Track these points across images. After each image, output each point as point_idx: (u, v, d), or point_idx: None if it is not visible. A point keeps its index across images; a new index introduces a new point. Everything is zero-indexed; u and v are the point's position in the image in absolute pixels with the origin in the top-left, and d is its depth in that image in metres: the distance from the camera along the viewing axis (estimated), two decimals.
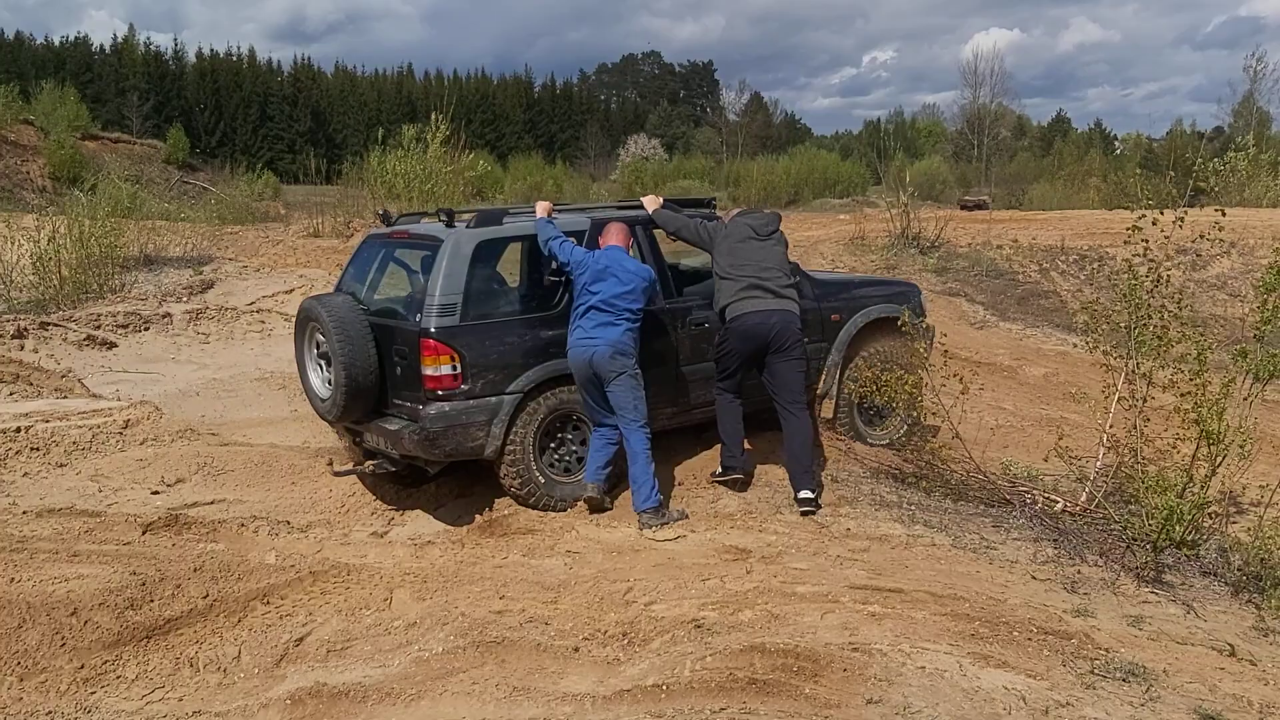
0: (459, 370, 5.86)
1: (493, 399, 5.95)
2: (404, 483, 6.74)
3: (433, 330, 5.82)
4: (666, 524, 5.76)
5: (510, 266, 6.83)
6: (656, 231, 6.79)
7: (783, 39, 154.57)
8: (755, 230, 6.50)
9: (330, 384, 6.32)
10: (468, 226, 6.20)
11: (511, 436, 6.00)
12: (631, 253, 6.38)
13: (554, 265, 6.27)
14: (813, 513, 5.94)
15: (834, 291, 7.41)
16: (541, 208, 6.50)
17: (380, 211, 7.52)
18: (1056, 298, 15.15)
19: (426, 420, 5.82)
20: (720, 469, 6.42)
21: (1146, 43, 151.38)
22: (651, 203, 6.83)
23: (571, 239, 6.22)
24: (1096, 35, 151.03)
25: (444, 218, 6.28)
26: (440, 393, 5.85)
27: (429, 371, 5.82)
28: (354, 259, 7.18)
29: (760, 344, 6.21)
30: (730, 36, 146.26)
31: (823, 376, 7.11)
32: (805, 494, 6.02)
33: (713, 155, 64.51)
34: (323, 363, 6.49)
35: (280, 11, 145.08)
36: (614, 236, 6.29)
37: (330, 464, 6.56)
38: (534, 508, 6.10)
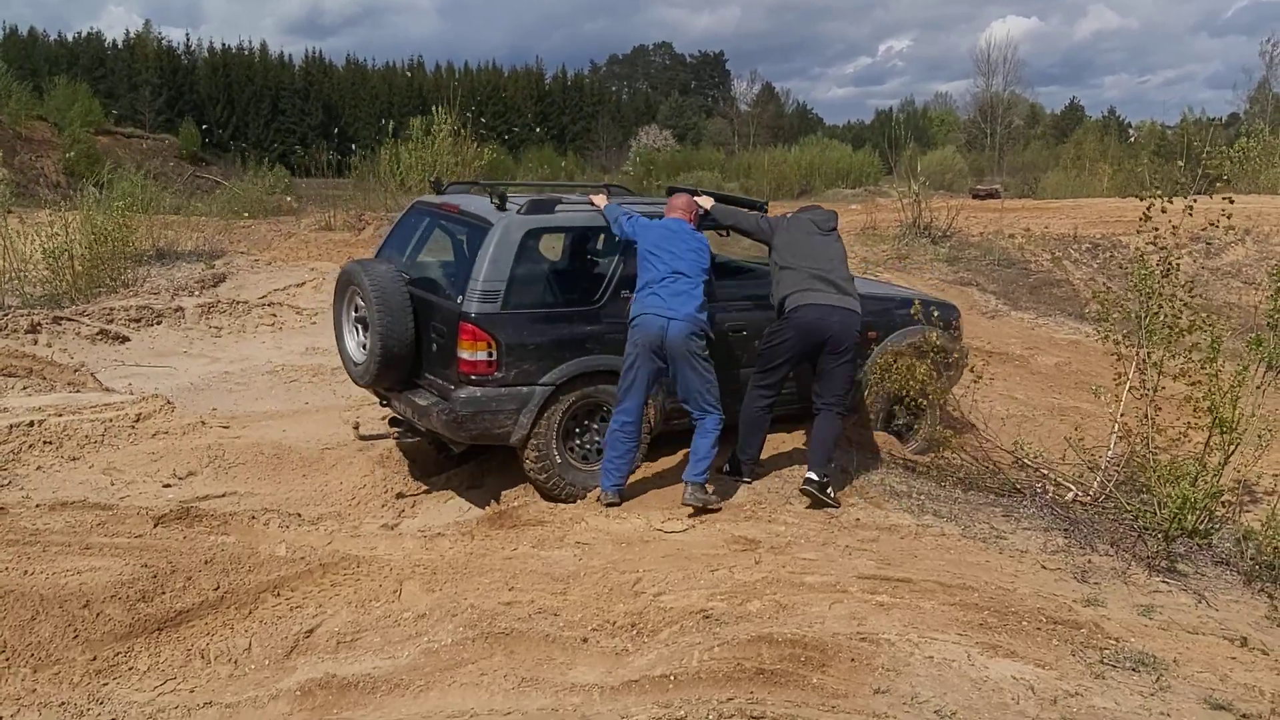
0: (494, 357, 5.81)
1: (524, 389, 5.90)
2: (429, 458, 6.74)
3: (473, 315, 5.77)
4: (706, 501, 5.70)
5: (557, 256, 6.77)
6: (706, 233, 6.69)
7: (799, 29, 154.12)
8: (818, 225, 6.40)
9: (365, 349, 6.30)
10: (519, 212, 6.06)
11: (539, 426, 5.98)
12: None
13: (606, 256, 6.19)
14: (818, 500, 5.85)
15: (874, 308, 7.06)
16: (599, 200, 6.40)
17: (432, 179, 7.45)
18: (1069, 286, 15.09)
19: (457, 403, 5.81)
20: (728, 467, 6.38)
21: (1165, 30, 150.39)
22: (707, 201, 6.59)
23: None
24: (1114, 23, 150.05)
25: (496, 199, 6.14)
26: (474, 378, 5.82)
27: (465, 356, 5.79)
28: (399, 225, 7.08)
29: (817, 341, 6.03)
30: (746, 27, 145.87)
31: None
32: (811, 475, 5.90)
33: (724, 146, 64.35)
34: (359, 327, 6.45)
35: (298, 6, 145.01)
36: (679, 210, 6.20)
37: (356, 427, 6.55)
38: (545, 487, 6.09)
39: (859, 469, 6.56)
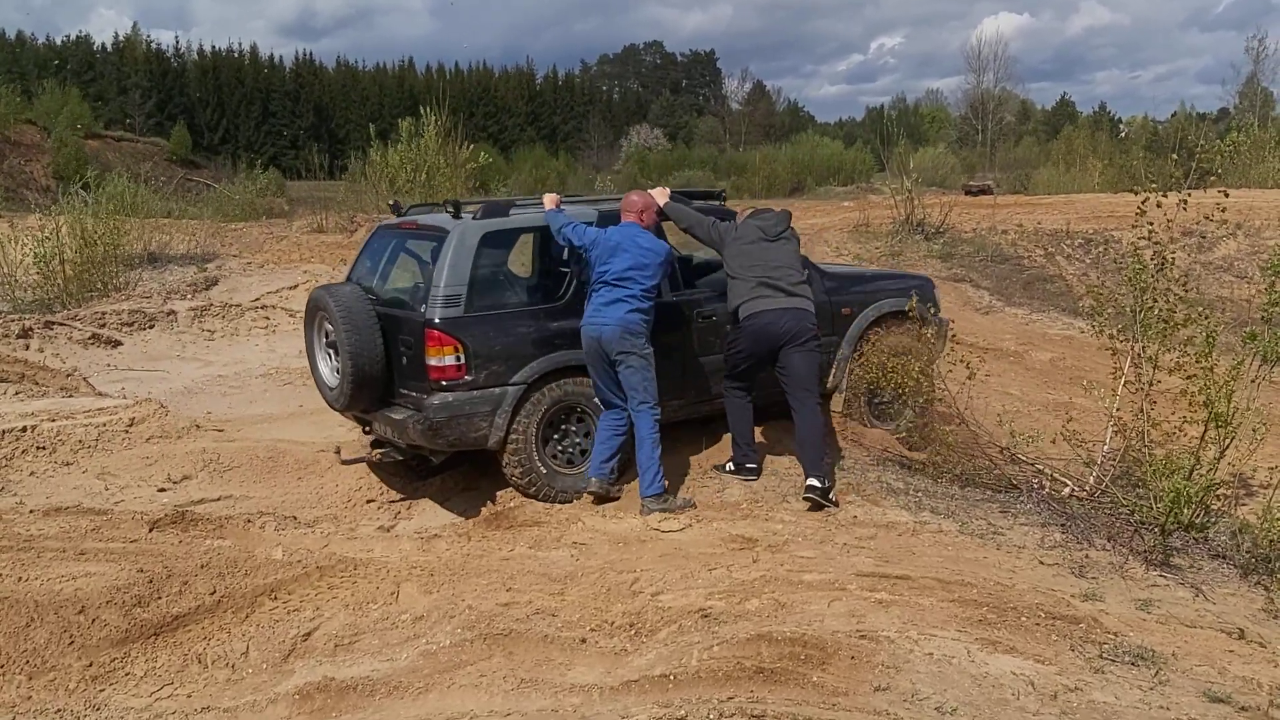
0: (463, 361, 5.86)
1: (496, 390, 5.95)
2: (413, 475, 6.75)
3: (437, 321, 5.83)
4: (669, 511, 5.74)
5: (516, 258, 6.81)
6: (665, 224, 6.74)
7: (791, 27, 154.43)
8: (764, 231, 6.44)
9: (338, 373, 6.33)
10: (474, 218, 6.20)
11: (515, 427, 6.01)
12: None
13: (566, 254, 6.26)
14: (820, 504, 5.85)
15: (845, 285, 7.36)
16: (550, 200, 6.45)
17: (391, 203, 7.52)
18: (1062, 282, 15.10)
19: (430, 410, 5.84)
20: (732, 464, 6.40)
21: (1155, 25, 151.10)
22: (661, 195, 6.69)
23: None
24: (1105, 18, 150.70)
25: (450, 209, 6.31)
26: (444, 383, 5.86)
27: (433, 362, 5.83)
28: (365, 249, 7.18)
29: (772, 344, 6.15)
30: (738, 25, 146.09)
31: (833, 370, 7.08)
32: (813, 481, 5.91)
33: (715, 144, 64.40)
34: (331, 352, 6.50)
35: (290, 8, 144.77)
36: (631, 213, 6.22)
37: (338, 452, 6.56)
38: (534, 498, 6.11)
39: (855, 466, 6.56)
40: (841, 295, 7.20)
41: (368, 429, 6.73)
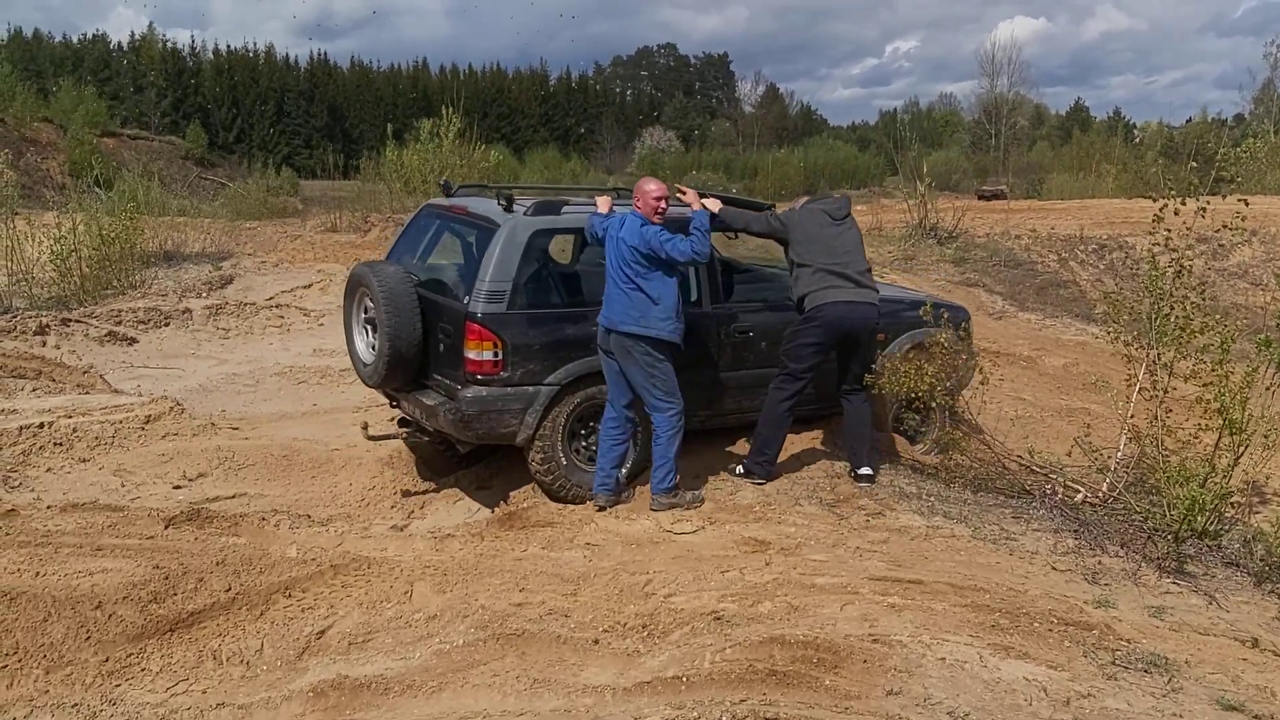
0: (500, 357, 5.85)
1: (530, 389, 5.94)
2: (434, 465, 6.78)
3: (479, 315, 5.81)
4: (679, 507, 5.77)
5: (563, 257, 6.78)
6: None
7: (805, 29, 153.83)
8: (830, 215, 6.46)
9: (374, 349, 6.35)
10: (526, 213, 6.10)
11: (544, 423, 6.01)
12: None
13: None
14: (872, 489, 6.17)
15: (883, 310, 6.93)
16: (603, 203, 6.31)
17: (442, 181, 7.48)
18: (1075, 287, 15.06)
19: (463, 403, 5.85)
20: (742, 469, 6.40)
21: (1172, 30, 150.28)
22: (713, 205, 6.45)
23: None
24: (1122, 23, 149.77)
25: (502, 201, 6.19)
26: (480, 377, 5.85)
27: (471, 356, 5.83)
28: (409, 227, 7.13)
29: (842, 336, 6.23)
30: (753, 28, 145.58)
31: None
32: (865, 470, 6.26)
33: (729, 147, 64.36)
34: (369, 328, 6.51)
35: (307, 8, 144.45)
36: (638, 200, 5.94)
37: (365, 428, 6.56)
38: (552, 489, 6.11)
39: None
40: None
41: (394, 404, 6.75)
